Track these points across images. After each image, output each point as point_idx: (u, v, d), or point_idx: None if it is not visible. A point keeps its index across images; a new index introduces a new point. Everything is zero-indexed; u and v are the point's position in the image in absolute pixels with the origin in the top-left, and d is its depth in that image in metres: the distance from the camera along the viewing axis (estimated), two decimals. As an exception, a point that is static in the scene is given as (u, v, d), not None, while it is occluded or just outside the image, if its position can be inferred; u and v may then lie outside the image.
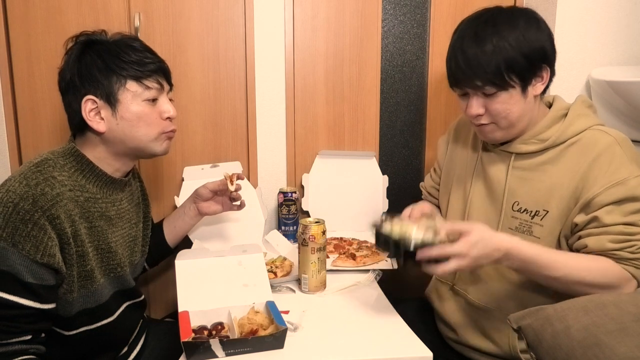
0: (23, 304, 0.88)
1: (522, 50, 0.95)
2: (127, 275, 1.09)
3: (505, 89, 0.97)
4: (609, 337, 0.72)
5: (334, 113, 1.62)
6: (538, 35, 0.97)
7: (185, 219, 1.29)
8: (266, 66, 1.55)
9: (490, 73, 0.96)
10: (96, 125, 1.00)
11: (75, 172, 0.99)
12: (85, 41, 1.02)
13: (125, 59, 1.00)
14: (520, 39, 0.95)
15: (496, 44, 0.95)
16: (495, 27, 0.96)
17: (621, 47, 1.54)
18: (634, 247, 0.92)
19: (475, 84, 0.98)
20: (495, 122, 1.02)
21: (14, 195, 0.88)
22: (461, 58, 0.98)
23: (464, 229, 0.90)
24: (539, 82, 1.00)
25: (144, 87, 1.02)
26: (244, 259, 1.11)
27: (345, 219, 1.59)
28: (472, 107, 1.01)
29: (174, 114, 1.07)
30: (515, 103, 0.98)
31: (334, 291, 1.17)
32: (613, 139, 0.97)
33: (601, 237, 0.93)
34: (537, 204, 1.01)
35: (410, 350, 0.90)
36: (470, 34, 0.98)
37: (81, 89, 0.99)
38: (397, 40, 1.63)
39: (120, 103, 1.00)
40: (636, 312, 0.75)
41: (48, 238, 0.88)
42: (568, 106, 1.04)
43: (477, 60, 0.96)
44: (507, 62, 0.95)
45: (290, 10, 1.54)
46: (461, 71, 0.99)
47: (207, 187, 1.25)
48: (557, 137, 1.00)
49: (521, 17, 0.98)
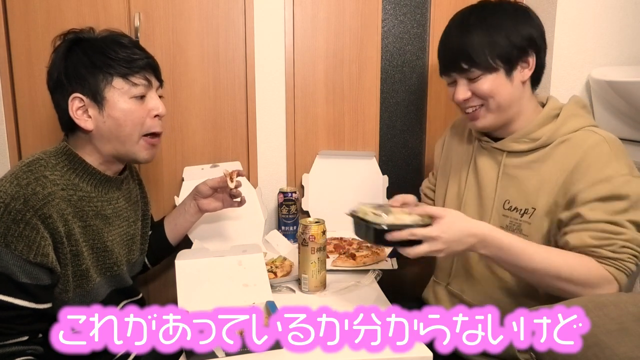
0: (18, 304, 0.88)
1: (507, 35, 0.99)
2: (124, 273, 1.09)
3: (490, 71, 1.00)
4: (609, 337, 0.72)
5: (334, 113, 1.62)
6: (526, 23, 1.01)
7: (185, 217, 1.29)
8: (266, 66, 1.55)
9: (474, 55, 0.99)
10: (83, 124, 0.99)
11: (68, 171, 0.99)
12: (73, 39, 1.01)
13: (112, 55, 0.98)
14: (506, 24, 0.99)
15: (481, 29, 0.99)
16: (482, 15, 1.01)
17: (621, 47, 1.54)
18: (614, 245, 0.91)
19: (460, 66, 1.01)
20: (484, 105, 1.03)
21: (5, 196, 0.87)
22: (447, 44, 1.04)
23: (437, 213, 0.91)
24: (525, 68, 1.02)
25: (131, 84, 1.00)
26: (244, 259, 1.11)
27: (345, 219, 1.58)
28: (459, 92, 1.04)
29: (162, 112, 1.05)
30: (501, 86, 1.00)
31: (333, 291, 1.17)
32: (602, 137, 0.97)
33: (582, 233, 0.92)
34: (527, 201, 1.02)
35: (410, 350, 0.90)
36: (457, 23, 1.04)
37: (68, 87, 0.98)
38: (397, 40, 1.63)
39: (107, 101, 0.99)
40: (636, 312, 0.75)
41: (41, 238, 0.88)
42: (561, 106, 1.04)
43: (461, 44, 1.00)
44: (490, 45, 0.98)
45: (290, 10, 1.54)
46: (447, 57, 1.04)
47: (207, 184, 1.25)
48: (548, 137, 1.01)
49: (510, 8, 1.02)
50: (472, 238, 0.90)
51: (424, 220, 0.92)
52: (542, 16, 1.54)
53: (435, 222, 0.90)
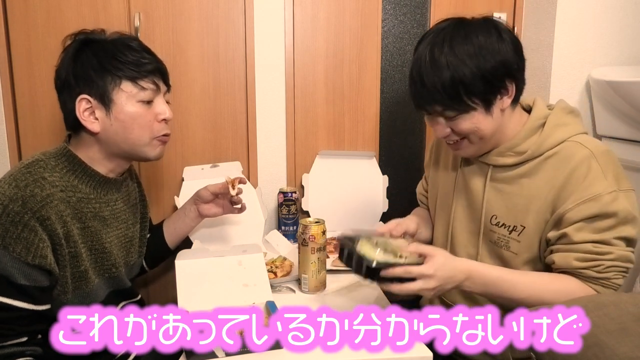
0: (17, 306, 0.87)
1: (481, 71, 0.91)
2: (122, 275, 1.09)
3: (467, 111, 0.95)
4: (609, 337, 0.72)
5: (334, 113, 1.62)
6: (499, 47, 0.93)
7: (185, 220, 1.29)
8: (266, 66, 1.55)
9: (448, 98, 0.93)
10: (90, 125, 0.99)
11: (67, 173, 0.98)
12: (83, 40, 1.01)
13: (122, 59, 0.98)
14: (478, 57, 0.91)
15: (453, 67, 0.91)
16: (451, 48, 0.92)
17: (621, 47, 1.55)
18: (600, 266, 0.90)
19: (435, 109, 0.97)
20: (465, 138, 1.00)
21: (3, 197, 0.87)
22: (419, 84, 0.95)
23: (428, 252, 0.90)
24: (505, 96, 0.96)
25: (139, 88, 1.00)
26: (244, 259, 1.11)
27: (345, 219, 1.59)
28: (438, 130, 1.01)
29: (169, 116, 1.05)
30: (481, 122, 0.96)
31: (334, 291, 1.17)
32: (590, 152, 0.93)
33: (568, 255, 0.92)
34: (515, 219, 0.99)
35: (410, 350, 0.90)
36: (427, 57, 0.94)
37: (76, 88, 0.98)
38: (397, 40, 1.63)
39: (115, 103, 0.99)
40: (636, 312, 0.75)
41: (39, 239, 0.88)
42: (547, 114, 1.00)
43: (434, 85, 0.93)
44: (465, 87, 0.92)
45: (290, 10, 1.54)
46: (421, 97, 0.97)
47: (208, 189, 1.25)
48: (534, 150, 0.97)
49: (479, 31, 0.94)
50: (460, 274, 0.91)
51: (409, 258, 0.92)
52: (542, 16, 1.55)
53: (428, 260, 0.89)
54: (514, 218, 1.00)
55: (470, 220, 1.09)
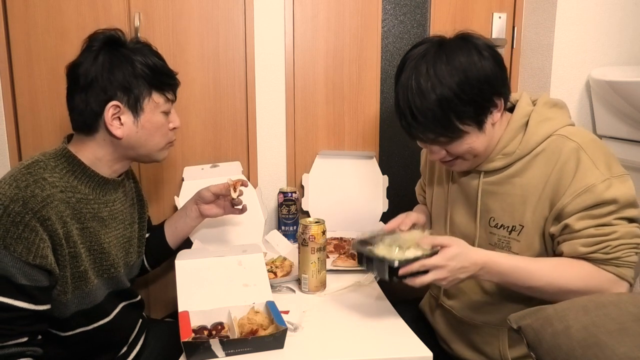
0: (18, 306, 0.88)
1: (469, 95, 0.92)
2: (121, 276, 1.09)
3: (461, 136, 0.96)
4: (609, 337, 0.72)
5: (334, 113, 1.62)
6: (481, 64, 0.93)
7: (186, 220, 1.29)
8: (266, 66, 1.55)
9: (441, 127, 0.95)
10: (115, 130, 1.00)
11: (67, 174, 0.99)
12: (113, 43, 1.01)
13: (157, 70, 1.03)
14: (462, 81, 0.92)
15: (440, 96, 0.92)
16: (435, 75, 0.92)
17: (621, 47, 1.55)
18: (607, 247, 0.90)
19: (428, 137, 0.98)
20: (461, 157, 1.01)
21: (4, 198, 0.88)
22: (410, 116, 0.95)
23: (444, 243, 0.91)
24: (495, 111, 0.97)
25: (165, 99, 1.06)
26: (244, 259, 1.11)
27: (345, 219, 1.59)
28: (433, 154, 1.02)
29: (179, 125, 1.12)
30: (475, 140, 0.97)
31: (334, 291, 1.17)
32: (576, 144, 0.93)
33: (573, 242, 0.92)
34: (513, 218, 1.00)
35: (410, 351, 0.90)
36: (414, 87, 0.94)
37: (108, 91, 0.99)
38: (397, 40, 1.63)
39: (144, 112, 1.03)
40: (636, 312, 0.75)
41: (40, 240, 0.88)
42: (529, 112, 1.00)
43: (425, 116, 0.94)
44: (457, 113, 0.93)
45: (290, 10, 1.54)
46: (413, 128, 0.97)
47: (210, 190, 1.25)
48: (521, 150, 0.98)
49: (459, 51, 0.94)
50: (474, 266, 0.91)
51: (426, 250, 0.93)
52: (542, 16, 1.55)
53: (441, 251, 0.90)
54: (512, 218, 1.00)
55: (468, 225, 1.09)
